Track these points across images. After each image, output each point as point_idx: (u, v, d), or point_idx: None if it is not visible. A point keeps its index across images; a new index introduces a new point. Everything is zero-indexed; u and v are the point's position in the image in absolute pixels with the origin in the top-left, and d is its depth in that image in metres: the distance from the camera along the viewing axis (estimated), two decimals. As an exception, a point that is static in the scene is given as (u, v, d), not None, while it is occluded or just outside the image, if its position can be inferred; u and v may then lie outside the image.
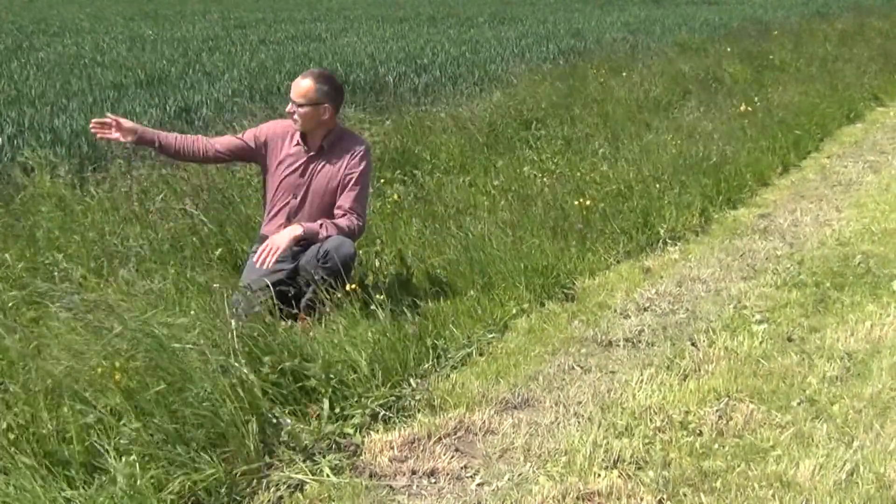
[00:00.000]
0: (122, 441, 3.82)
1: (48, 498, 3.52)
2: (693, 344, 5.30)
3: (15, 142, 9.04)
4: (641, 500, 3.74)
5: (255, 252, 5.31)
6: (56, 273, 5.75)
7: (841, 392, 4.65)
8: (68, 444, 3.82)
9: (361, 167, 5.45)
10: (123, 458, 3.74)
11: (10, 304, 5.28)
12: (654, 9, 36.85)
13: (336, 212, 5.41)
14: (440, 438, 4.29)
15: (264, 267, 5.03)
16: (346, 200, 5.40)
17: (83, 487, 3.65)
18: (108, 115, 5.37)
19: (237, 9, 41.69)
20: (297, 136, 5.47)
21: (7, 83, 14.07)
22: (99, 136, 5.36)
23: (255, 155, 5.61)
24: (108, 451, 3.76)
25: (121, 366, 4.01)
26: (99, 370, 4.03)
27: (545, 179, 7.99)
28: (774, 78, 14.64)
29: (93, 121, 5.48)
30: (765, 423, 4.35)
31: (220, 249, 6.15)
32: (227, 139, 5.65)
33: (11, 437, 3.77)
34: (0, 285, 5.55)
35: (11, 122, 10.03)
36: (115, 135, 5.30)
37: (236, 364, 4.13)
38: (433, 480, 3.99)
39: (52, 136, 9.33)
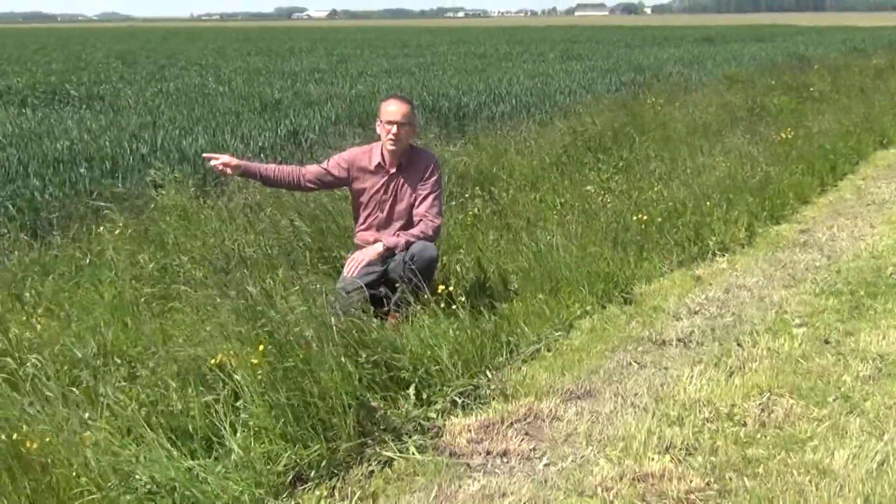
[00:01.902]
0: (242, 416, 3.89)
1: (173, 466, 3.59)
2: (739, 344, 5.23)
3: (148, 160, 9.24)
4: (691, 482, 3.70)
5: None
6: (181, 273, 5.87)
7: (873, 390, 4.55)
8: (192, 419, 3.90)
9: (434, 177, 5.50)
10: (239, 434, 3.80)
11: (142, 299, 5.40)
12: (707, 46, 36.50)
13: (415, 218, 5.46)
14: (512, 423, 4.29)
15: (353, 274, 5.10)
16: (423, 207, 5.44)
17: (203, 458, 3.72)
18: (215, 157, 5.45)
19: (339, 46, 42.19)
20: (377, 158, 5.50)
21: (143, 109, 14.39)
22: (212, 164, 5.45)
23: (342, 182, 5.63)
24: (226, 428, 3.83)
25: (261, 350, 4.07)
26: (221, 356, 4.11)
27: (607, 196, 7.94)
28: (815, 107, 14.41)
29: (206, 154, 5.65)
30: (803, 417, 4.28)
31: (320, 255, 6.23)
32: (315, 170, 5.62)
33: (143, 413, 3.85)
34: (135, 283, 5.69)
35: (146, 142, 10.25)
36: (226, 169, 5.40)
37: (337, 355, 4.17)
38: (505, 460, 3.99)
39: (179, 156, 9.51)
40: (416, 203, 5.45)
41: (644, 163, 9.61)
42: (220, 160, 5.37)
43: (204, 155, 5.77)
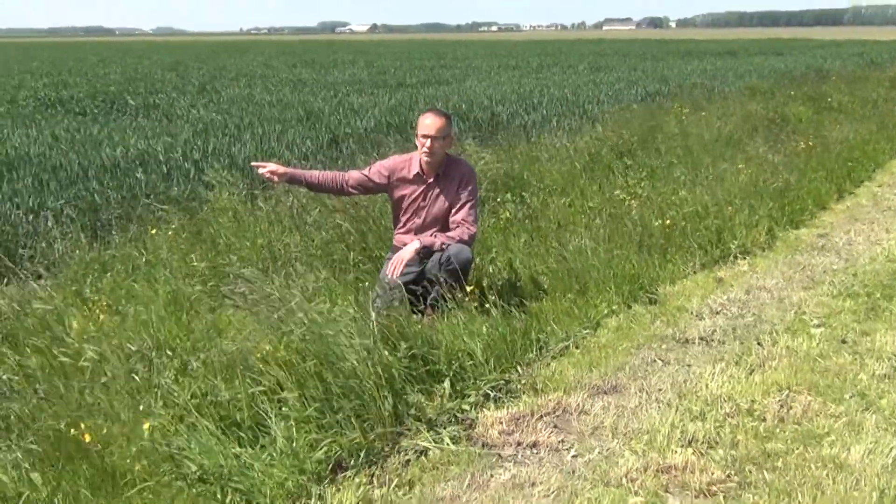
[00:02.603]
0: (283, 409, 3.91)
1: (222, 453, 3.62)
2: (759, 343, 5.18)
3: (200, 165, 9.31)
4: (712, 474, 3.67)
5: (390, 259, 5.39)
6: (231, 272, 5.91)
7: (889, 388, 4.49)
8: (239, 410, 3.92)
9: (471, 187, 5.48)
10: (283, 423, 3.82)
11: (194, 297, 5.44)
12: (729, 59, 36.22)
13: (452, 225, 5.44)
14: (541, 416, 4.28)
15: (395, 275, 5.10)
16: (459, 214, 5.42)
17: (250, 446, 3.74)
18: (263, 165, 5.46)
19: (379, 58, 42.29)
20: (416, 168, 5.49)
21: (196, 118, 14.49)
22: (260, 172, 5.47)
23: (382, 188, 5.63)
24: (270, 417, 3.85)
25: (285, 345, 4.09)
26: (266, 349, 4.13)
27: (633, 201, 7.91)
28: (832, 117, 14.26)
29: (254, 163, 5.67)
30: (821, 413, 4.23)
31: (362, 255, 6.25)
32: (357, 177, 5.62)
33: (195, 402, 3.88)
34: (187, 280, 5.73)
35: (198, 148, 10.33)
36: (273, 177, 5.42)
37: (376, 348, 4.19)
38: (535, 451, 3.98)
39: (229, 161, 9.58)
40: (454, 211, 5.44)
41: (668, 169, 9.56)
42: (267, 168, 5.40)
43: (252, 164, 5.80)
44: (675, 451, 3.87)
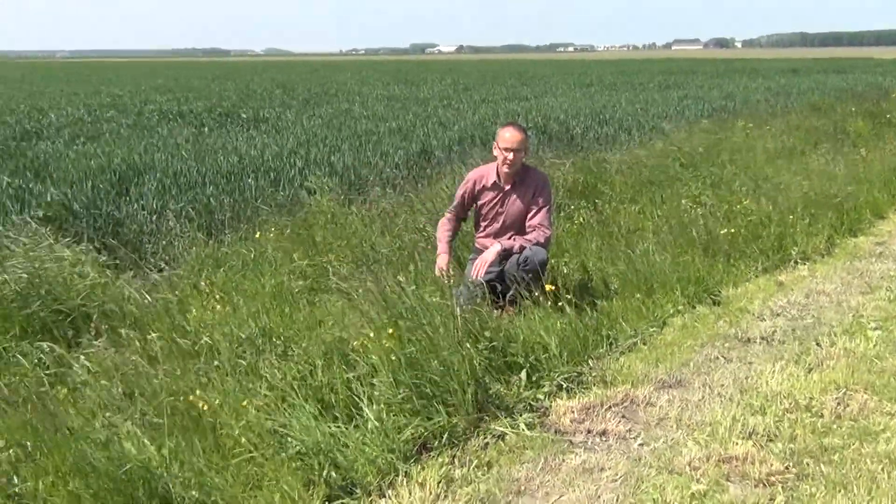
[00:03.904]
0: (375, 393, 3.95)
1: (320, 431, 3.67)
2: (818, 344, 5.05)
3: (303, 172, 9.45)
4: (771, 465, 3.59)
5: (472, 259, 5.40)
6: (329, 268, 6.00)
7: (944, 389, 4.33)
8: (335, 392, 3.98)
9: (545, 193, 5.50)
10: (375, 406, 3.86)
11: (296, 290, 5.54)
12: (793, 77, 35.28)
13: (528, 229, 5.45)
14: (610, 407, 4.24)
15: (479, 276, 5.13)
16: (535, 218, 5.45)
17: (344, 426, 3.79)
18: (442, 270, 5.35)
19: (465, 76, 42.34)
20: (493, 177, 5.54)
21: (300, 130, 14.70)
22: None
23: (471, 204, 5.71)
24: (363, 400, 3.90)
25: (388, 333, 4.13)
26: (361, 340, 4.18)
27: (698, 209, 7.78)
28: (891, 132, 13.79)
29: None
30: (877, 411, 4.11)
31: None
32: (453, 214, 5.69)
33: (296, 385, 3.95)
34: (290, 276, 5.84)
35: (301, 157, 10.49)
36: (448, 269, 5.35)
37: (461, 340, 4.20)
38: (604, 439, 3.95)
39: (328, 169, 9.69)
40: (530, 216, 5.46)
41: (733, 180, 9.37)
42: (443, 272, 5.28)
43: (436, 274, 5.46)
44: (736, 443, 3.80)
